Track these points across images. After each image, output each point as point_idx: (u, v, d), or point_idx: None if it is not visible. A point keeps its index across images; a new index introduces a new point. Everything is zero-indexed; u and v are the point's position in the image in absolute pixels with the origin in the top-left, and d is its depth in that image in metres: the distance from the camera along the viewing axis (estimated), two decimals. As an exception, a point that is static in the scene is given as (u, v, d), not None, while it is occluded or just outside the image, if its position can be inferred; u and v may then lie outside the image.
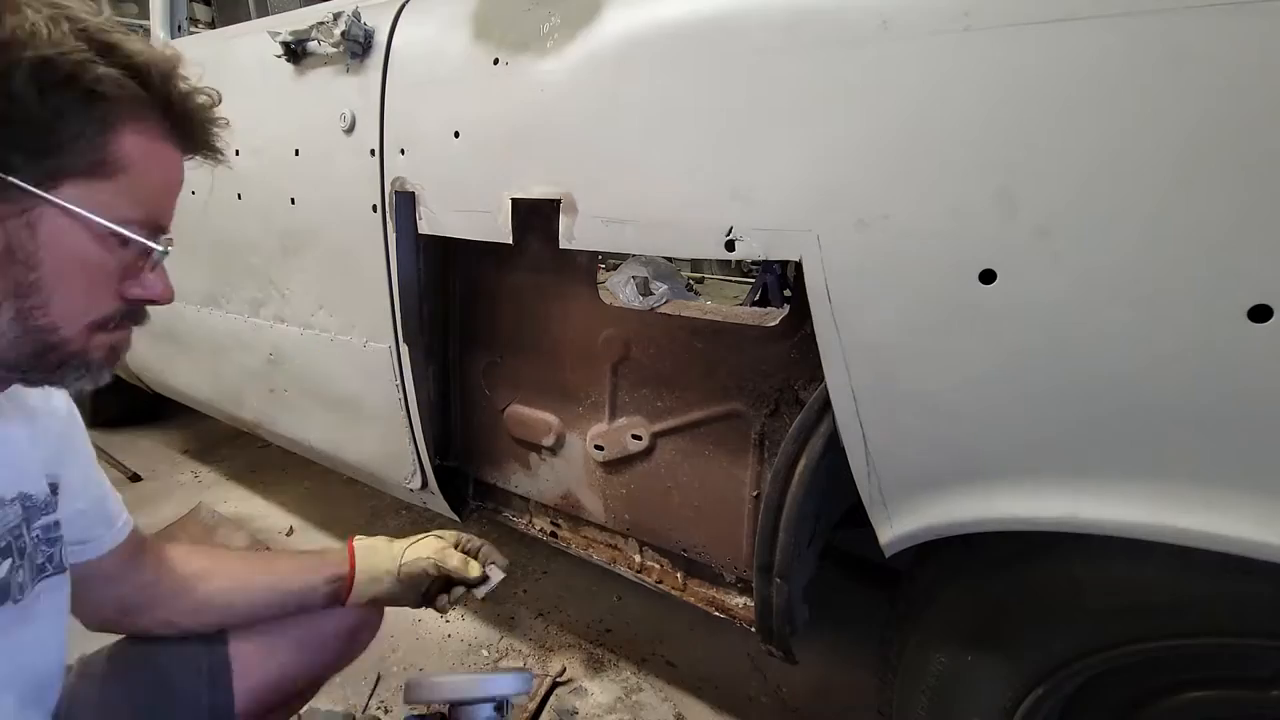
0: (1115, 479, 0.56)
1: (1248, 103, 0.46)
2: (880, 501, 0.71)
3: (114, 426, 2.47)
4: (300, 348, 1.28)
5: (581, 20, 0.79)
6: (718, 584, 1.04)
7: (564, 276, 1.01)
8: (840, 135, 0.62)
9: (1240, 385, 0.49)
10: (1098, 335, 0.53)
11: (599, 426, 1.05)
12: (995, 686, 0.73)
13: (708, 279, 3.40)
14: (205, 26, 2.78)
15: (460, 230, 0.94)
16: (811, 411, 0.74)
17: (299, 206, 1.16)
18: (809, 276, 0.65)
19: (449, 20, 0.93)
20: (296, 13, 1.16)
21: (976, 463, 0.63)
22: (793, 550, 0.81)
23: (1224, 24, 0.46)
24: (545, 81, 0.81)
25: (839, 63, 0.61)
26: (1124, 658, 0.65)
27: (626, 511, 1.07)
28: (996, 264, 0.56)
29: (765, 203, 0.67)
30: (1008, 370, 0.58)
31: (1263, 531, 0.50)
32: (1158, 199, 0.49)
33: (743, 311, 0.99)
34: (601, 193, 0.79)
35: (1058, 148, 0.52)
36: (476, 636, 1.47)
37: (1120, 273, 0.51)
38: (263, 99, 1.18)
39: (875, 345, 0.65)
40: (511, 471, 1.20)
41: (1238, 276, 0.48)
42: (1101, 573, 0.64)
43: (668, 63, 0.72)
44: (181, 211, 0.60)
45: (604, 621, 1.51)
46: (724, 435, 0.94)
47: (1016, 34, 0.53)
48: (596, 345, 1.02)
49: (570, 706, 1.28)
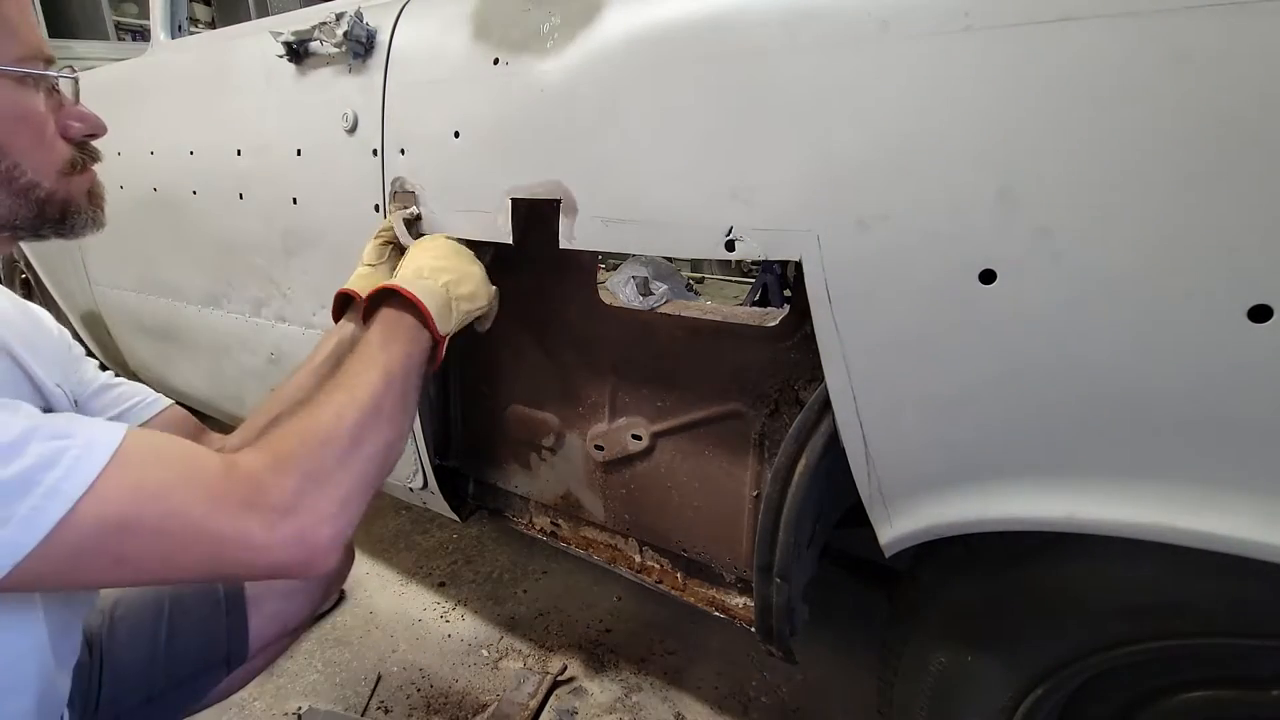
0: (1115, 479, 0.56)
1: (1248, 102, 0.46)
2: (880, 501, 0.71)
3: (115, 426, 2.47)
4: (302, 347, 1.28)
5: (581, 20, 0.79)
6: (717, 584, 1.04)
7: (564, 276, 1.01)
8: (840, 135, 0.62)
9: (1240, 385, 0.49)
10: (1098, 335, 0.53)
11: (599, 426, 1.05)
12: (995, 686, 0.73)
13: (708, 279, 3.40)
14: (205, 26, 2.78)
15: (460, 230, 0.95)
16: (811, 411, 0.74)
17: (301, 206, 1.16)
18: (809, 276, 0.65)
19: (449, 20, 0.93)
20: (297, 13, 1.16)
21: (976, 463, 0.63)
22: (793, 550, 0.81)
23: (1224, 24, 0.46)
24: (545, 81, 0.81)
25: (839, 63, 0.61)
26: (1124, 658, 0.65)
27: (626, 511, 1.07)
28: (996, 264, 0.56)
29: (765, 203, 0.67)
30: (1008, 370, 0.58)
31: (1263, 531, 0.50)
32: (1158, 198, 0.49)
33: (743, 311, 0.99)
34: (602, 193, 0.79)
35: (1058, 148, 0.52)
36: (476, 636, 1.47)
37: (1120, 272, 0.51)
38: (264, 99, 1.18)
39: (875, 345, 0.65)
40: (511, 471, 1.20)
41: (1238, 276, 0.48)
42: (1101, 573, 0.64)
43: (668, 62, 0.72)
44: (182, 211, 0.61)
45: (604, 621, 1.51)
46: (724, 435, 0.94)
47: (1016, 34, 0.53)
48: (596, 345, 1.02)
49: (570, 706, 1.28)
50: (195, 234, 1.40)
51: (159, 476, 0.50)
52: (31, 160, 0.58)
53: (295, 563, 0.54)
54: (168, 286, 1.57)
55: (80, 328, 2.09)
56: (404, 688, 1.34)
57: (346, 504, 0.57)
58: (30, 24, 0.59)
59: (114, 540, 0.48)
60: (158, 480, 0.50)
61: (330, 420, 0.59)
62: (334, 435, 0.58)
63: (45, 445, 0.47)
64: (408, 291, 0.70)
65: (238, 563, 0.53)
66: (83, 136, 0.63)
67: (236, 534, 0.51)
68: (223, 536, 0.51)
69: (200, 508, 0.51)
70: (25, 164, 0.57)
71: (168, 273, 1.55)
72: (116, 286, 1.78)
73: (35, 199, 0.59)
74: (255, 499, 0.53)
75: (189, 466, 0.52)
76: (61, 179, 0.61)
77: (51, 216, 0.61)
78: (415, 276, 0.75)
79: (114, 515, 0.48)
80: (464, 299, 0.77)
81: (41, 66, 0.59)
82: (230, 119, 1.26)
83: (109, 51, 3.47)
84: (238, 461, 0.54)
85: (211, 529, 0.51)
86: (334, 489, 0.56)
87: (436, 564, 1.73)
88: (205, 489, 0.51)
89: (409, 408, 0.67)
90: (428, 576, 1.68)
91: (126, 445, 0.50)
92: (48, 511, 0.45)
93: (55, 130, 0.61)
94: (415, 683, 1.35)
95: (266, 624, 0.90)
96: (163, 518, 0.50)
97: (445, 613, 1.55)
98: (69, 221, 0.63)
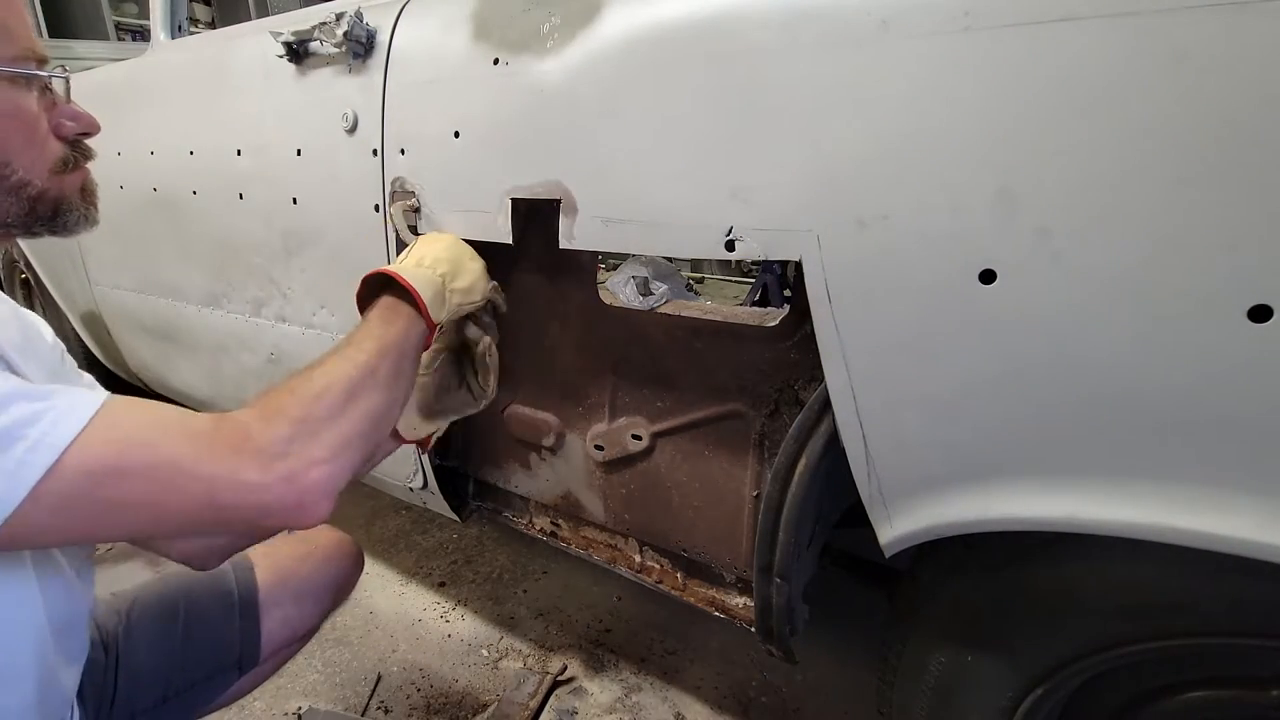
0: (1115, 479, 0.57)
1: (1248, 102, 0.46)
2: (880, 501, 0.71)
3: (115, 426, 2.47)
4: (302, 347, 1.28)
5: (581, 20, 0.79)
6: (717, 584, 1.04)
7: (564, 276, 1.01)
8: (840, 135, 0.62)
9: (1240, 385, 0.49)
10: (1098, 335, 0.53)
11: (599, 426, 1.05)
12: (995, 686, 0.73)
13: (708, 279, 3.39)
14: (205, 26, 2.78)
15: (460, 230, 0.95)
16: (811, 411, 0.74)
17: (301, 206, 1.16)
18: (809, 276, 0.65)
19: (449, 20, 0.93)
20: (297, 13, 1.16)
21: (977, 463, 0.63)
22: (793, 550, 0.81)
23: (1224, 23, 0.46)
24: (545, 81, 0.81)
25: (838, 62, 0.61)
26: (1124, 658, 0.65)
27: (626, 511, 1.07)
28: (997, 264, 0.56)
29: (765, 203, 0.67)
30: (1008, 370, 0.58)
31: (1263, 531, 0.50)
32: (1158, 198, 0.49)
33: (743, 311, 0.99)
34: (601, 193, 0.79)
35: (1058, 147, 0.52)
36: (476, 636, 1.47)
37: (1120, 272, 0.51)
38: (264, 99, 1.18)
39: (875, 345, 0.65)
40: (511, 471, 1.20)
41: (1238, 276, 0.48)
42: (1101, 573, 0.64)
43: (668, 62, 0.72)
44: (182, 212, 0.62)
45: (604, 621, 1.51)
46: (724, 435, 0.94)
47: (1016, 34, 0.53)
48: (596, 345, 1.02)
49: (570, 706, 1.28)
50: (195, 234, 1.40)
51: (145, 427, 0.52)
52: (23, 159, 0.59)
53: (286, 505, 0.55)
54: (168, 286, 1.57)
55: (80, 328, 2.09)
56: (404, 688, 1.34)
57: (338, 453, 0.58)
58: (23, 24, 0.59)
59: (104, 487, 0.49)
60: (144, 431, 0.51)
61: (323, 379, 0.61)
62: (327, 389, 0.60)
63: (29, 405, 0.48)
64: (404, 280, 0.72)
65: (228, 505, 0.53)
66: (76, 135, 0.64)
67: (228, 473, 0.52)
68: (213, 476, 0.52)
69: (189, 453, 0.52)
70: (16, 162, 0.58)
71: (168, 273, 1.55)
72: (116, 286, 1.78)
73: (27, 197, 0.60)
74: (244, 444, 0.54)
75: (176, 419, 0.54)
76: (54, 177, 0.62)
77: (44, 214, 0.62)
78: (415, 265, 0.78)
79: (100, 462, 0.49)
80: (459, 291, 0.79)
81: (34, 66, 0.59)
82: (230, 119, 1.26)
83: (109, 51, 3.47)
84: (227, 416, 0.56)
85: (202, 471, 0.52)
86: (327, 436, 0.57)
87: (436, 564, 1.73)
88: (192, 437, 0.53)
89: (403, 379, 0.69)
90: (428, 576, 1.68)
91: (111, 403, 0.51)
92: (33, 465, 0.46)
93: (48, 129, 0.61)
94: (415, 683, 1.35)
95: (278, 628, 0.91)
96: (151, 464, 0.51)
97: (445, 613, 1.55)
98: (61, 219, 0.63)
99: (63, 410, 0.49)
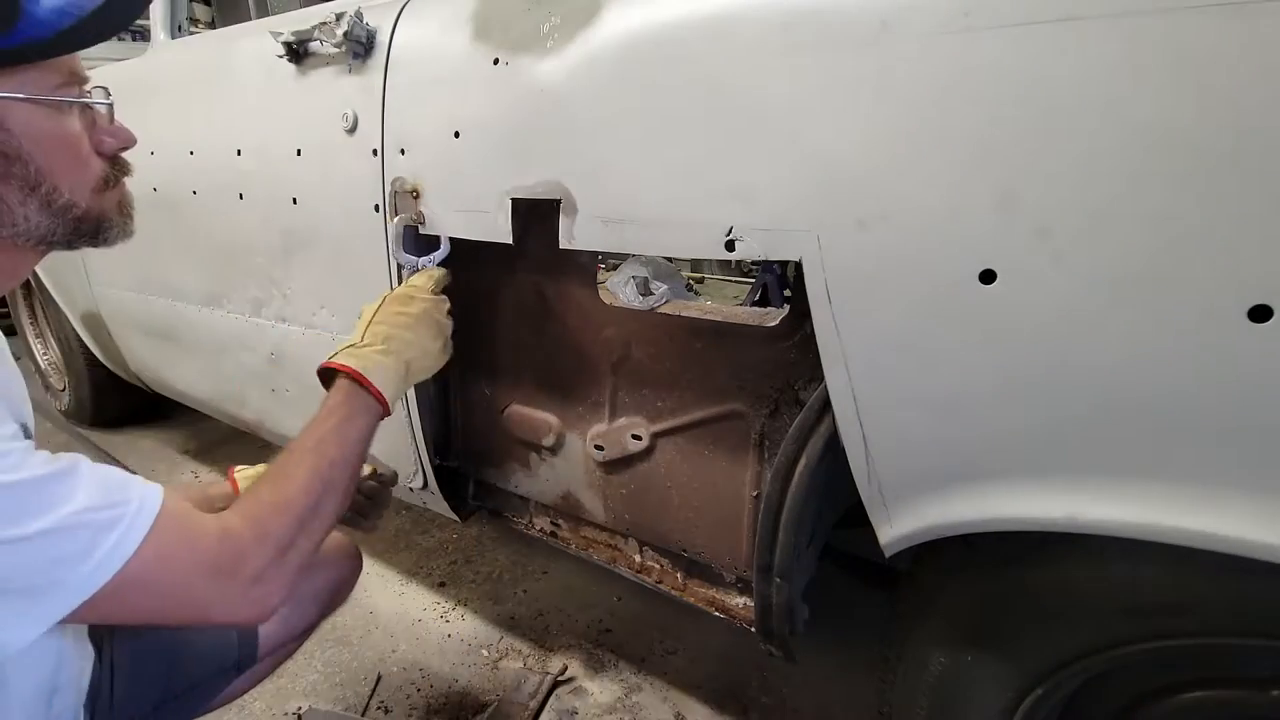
0: (1115, 479, 0.57)
1: (1248, 102, 0.46)
2: (880, 501, 0.71)
3: (115, 427, 2.47)
4: (302, 347, 1.28)
5: (581, 20, 0.79)
6: (718, 584, 1.04)
7: (564, 276, 1.01)
8: (840, 135, 0.62)
9: (1240, 385, 0.49)
10: (1098, 335, 0.53)
11: (599, 426, 1.05)
12: (995, 686, 0.73)
13: (708, 279, 3.39)
14: (205, 26, 2.78)
15: (460, 230, 0.95)
16: (811, 411, 0.74)
17: (301, 206, 1.16)
18: (809, 277, 0.65)
19: (449, 20, 0.93)
20: (297, 13, 1.16)
21: (977, 463, 0.63)
22: (793, 550, 0.81)
23: (1224, 24, 0.46)
24: (545, 82, 0.81)
25: (838, 62, 0.61)
26: (1124, 658, 0.65)
27: (626, 511, 1.07)
28: (997, 264, 0.56)
29: (765, 203, 0.67)
30: (1008, 370, 0.58)
31: (1263, 531, 0.50)
32: (1158, 199, 0.49)
33: (743, 311, 0.99)
34: (601, 193, 0.79)
35: (1058, 148, 0.52)
36: (476, 636, 1.47)
37: (1120, 273, 0.51)
38: (264, 99, 1.18)
39: (875, 346, 0.65)
40: (511, 472, 1.20)
41: (1238, 276, 0.48)
42: (1101, 573, 0.64)
43: (667, 62, 0.72)
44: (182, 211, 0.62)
45: (604, 621, 1.51)
46: (724, 435, 0.94)
47: (1017, 34, 0.53)
48: (596, 345, 1.02)
49: (570, 706, 1.28)
50: (195, 234, 1.40)
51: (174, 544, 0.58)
52: (68, 181, 0.60)
53: (248, 620, 0.64)
54: (168, 286, 1.57)
55: (80, 327, 2.09)
56: (404, 688, 1.34)
57: (297, 570, 0.66)
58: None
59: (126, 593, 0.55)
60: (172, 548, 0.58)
61: (298, 494, 0.68)
62: (300, 508, 0.67)
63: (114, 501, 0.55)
64: (366, 381, 0.77)
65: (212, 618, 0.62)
66: (115, 150, 0.65)
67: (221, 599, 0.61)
68: (210, 602, 0.60)
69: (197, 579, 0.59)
70: (63, 185, 0.59)
71: (168, 273, 1.55)
72: (116, 286, 1.79)
73: (72, 217, 0.61)
74: (238, 569, 0.61)
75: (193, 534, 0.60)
76: (95, 195, 0.63)
77: (86, 232, 0.63)
78: (378, 353, 0.80)
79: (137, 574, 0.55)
80: (420, 372, 0.85)
81: (77, 89, 0.60)
82: (230, 119, 1.26)
83: (109, 51, 3.45)
84: (229, 530, 0.62)
85: (203, 596, 0.60)
86: (293, 557, 0.66)
87: (436, 564, 1.73)
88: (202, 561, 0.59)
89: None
90: (428, 576, 1.68)
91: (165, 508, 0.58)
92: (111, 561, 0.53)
93: (90, 148, 0.62)
94: (415, 683, 1.35)
95: (277, 628, 0.92)
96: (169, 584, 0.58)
97: (445, 613, 1.55)
98: (103, 235, 0.65)
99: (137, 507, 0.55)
